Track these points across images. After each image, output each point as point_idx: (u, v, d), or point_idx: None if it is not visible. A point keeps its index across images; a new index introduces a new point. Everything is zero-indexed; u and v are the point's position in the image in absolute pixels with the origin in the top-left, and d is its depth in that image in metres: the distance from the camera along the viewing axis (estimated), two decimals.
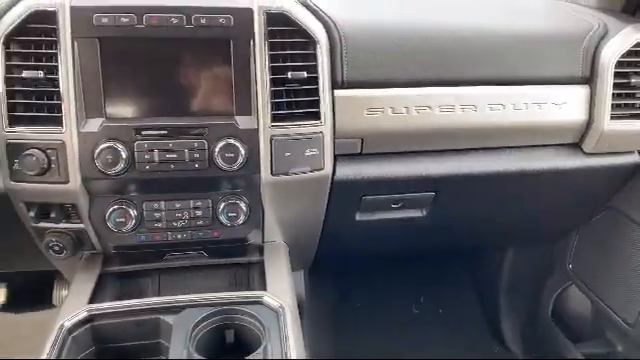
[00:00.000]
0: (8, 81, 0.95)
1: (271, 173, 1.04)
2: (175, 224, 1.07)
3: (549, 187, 1.35)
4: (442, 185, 1.23)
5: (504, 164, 1.24)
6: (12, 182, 0.98)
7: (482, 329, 1.94)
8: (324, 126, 1.06)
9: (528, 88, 1.20)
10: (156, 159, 0.99)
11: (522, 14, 1.37)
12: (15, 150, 0.96)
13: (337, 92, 1.09)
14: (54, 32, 0.95)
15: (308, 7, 1.09)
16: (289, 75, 1.02)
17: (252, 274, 1.15)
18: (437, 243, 1.57)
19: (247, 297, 1.01)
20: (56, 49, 0.95)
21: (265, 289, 1.05)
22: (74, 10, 0.94)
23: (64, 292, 1.64)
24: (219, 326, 0.97)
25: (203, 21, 0.97)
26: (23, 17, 0.94)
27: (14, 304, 1.68)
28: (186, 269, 1.15)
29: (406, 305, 1.90)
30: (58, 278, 1.68)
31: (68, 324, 0.93)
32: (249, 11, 0.99)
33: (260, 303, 1.00)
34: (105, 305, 0.98)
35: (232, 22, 0.98)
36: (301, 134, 1.04)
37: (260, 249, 1.18)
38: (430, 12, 1.29)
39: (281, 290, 1.04)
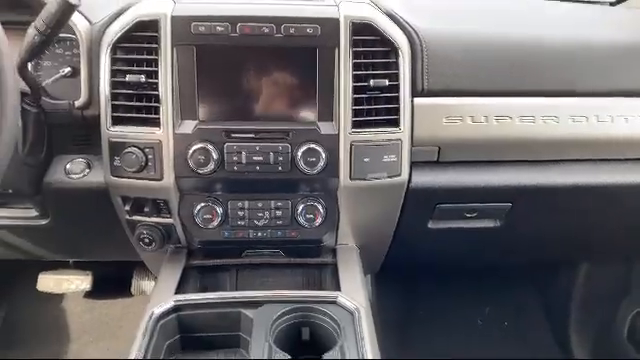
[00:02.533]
0: (113, 84, 1.03)
1: (350, 177, 1.07)
2: (256, 223, 1.12)
3: (631, 202, 1.31)
4: (519, 196, 1.22)
5: (585, 177, 1.21)
6: (112, 177, 1.07)
7: (549, 345, 1.88)
8: (403, 133, 1.08)
9: (614, 100, 1.17)
10: (243, 160, 1.04)
11: (603, 25, 1.34)
12: (116, 148, 1.04)
13: (417, 100, 1.10)
14: (155, 40, 1.02)
15: (391, 17, 1.12)
16: (371, 83, 1.05)
17: (325, 275, 1.19)
18: (508, 254, 1.54)
19: (323, 297, 1.04)
20: (157, 55, 1.02)
21: (339, 290, 1.07)
22: (174, 19, 1.01)
23: (143, 283, 1.76)
24: (295, 323, 1.01)
25: (292, 30, 1.02)
26: (129, 26, 1.02)
27: (95, 292, 1.80)
28: (262, 266, 1.20)
29: (471, 316, 1.87)
30: (137, 269, 1.79)
31: (157, 312, 0.99)
32: (335, 21, 1.03)
33: (335, 303, 1.03)
34: (191, 296, 1.04)
35: (319, 31, 1.02)
36: (380, 140, 1.07)
37: (333, 251, 1.21)
38: (509, 23, 1.27)
39: (355, 292, 1.06)
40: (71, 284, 1.68)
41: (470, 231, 1.30)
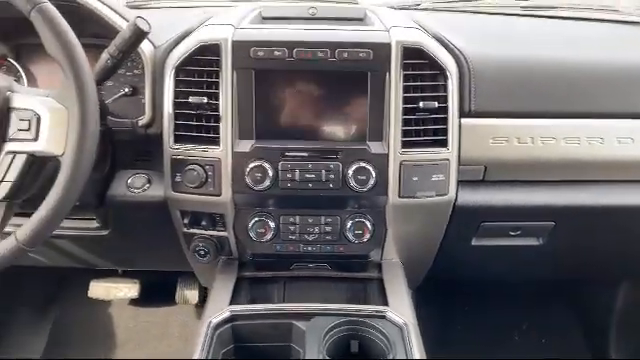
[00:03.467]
0: (176, 105, 1.10)
1: (398, 195, 1.11)
2: (307, 237, 1.16)
3: None
4: (562, 215, 1.24)
5: (629, 197, 1.23)
6: (173, 192, 1.13)
7: None
8: (451, 153, 1.11)
9: None
10: (297, 178, 1.09)
11: None
12: (178, 165, 1.11)
13: (464, 121, 1.14)
14: (217, 63, 1.08)
15: (440, 41, 1.16)
16: (421, 104, 1.09)
17: (370, 289, 1.22)
18: (549, 272, 1.55)
19: (372, 311, 1.07)
20: (218, 78, 1.09)
21: (386, 305, 1.11)
22: (235, 44, 1.08)
23: (186, 292, 1.82)
24: (345, 335, 1.05)
25: (345, 55, 1.07)
26: (192, 50, 1.09)
27: (140, 299, 1.86)
28: (309, 279, 1.24)
29: (508, 332, 1.87)
30: (181, 279, 1.86)
31: (215, 321, 1.04)
32: (387, 46, 1.08)
33: (384, 318, 1.06)
34: (245, 307, 1.08)
35: (371, 56, 1.07)
36: (429, 160, 1.10)
37: (378, 266, 1.25)
38: (554, 46, 1.30)
39: (403, 307, 1.09)
40: (120, 292, 1.76)
41: (512, 249, 1.32)
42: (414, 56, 1.09)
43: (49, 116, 0.84)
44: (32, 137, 0.84)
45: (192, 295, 1.82)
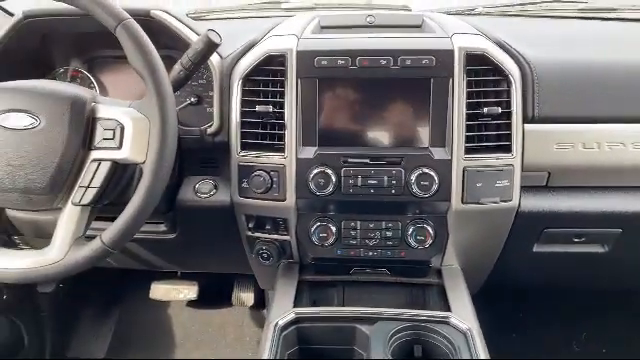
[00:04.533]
0: (243, 114, 1.14)
1: (461, 202, 1.11)
2: (368, 242, 1.18)
3: None
4: (629, 222, 1.20)
5: None
6: (239, 197, 1.17)
7: None
8: (515, 159, 1.11)
9: None
10: (359, 184, 1.11)
11: None
12: (245, 171, 1.15)
13: (527, 126, 1.13)
14: (282, 73, 1.12)
15: (502, 46, 1.15)
16: (484, 110, 1.09)
17: (430, 295, 1.22)
18: (612, 280, 1.51)
19: (435, 316, 1.08)
20: (283, 87, 1.12)
21: (449, 311, 1.11)
22: (299, 54, 1.11)
23: (243, 294, 1.86)
24: (408, 340, 1.06)
25: (408, 62, 1.08)
26: (259, 60, 1.13)
27: (198, 300, 1.92)
28: (368, 284, 1.25)
29: (567, 341, 1.83)
30: (237, 281, 1.91)
31: (281, 323, 1.07)
32: (450, 52, 1.09)
33: (447, 324, 1.06)
34: (309, 309, 1.11)
35: (434, 62, 1.08)
36: (492, 166, 1.10)
37: (438, 272, 1.25)
38: (619, 49, 1.27)
39: (466, 313, 1.09)
40: (180, 293, 1.82)
41: (576, 256, 1.29)
42: (477, 62, 1.10)
43: (132, 125, 0.89)
44: (116, 145, 0.90)
45: (248, 297, 1.87)
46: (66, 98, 0.90)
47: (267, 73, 1.14)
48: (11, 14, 1.42)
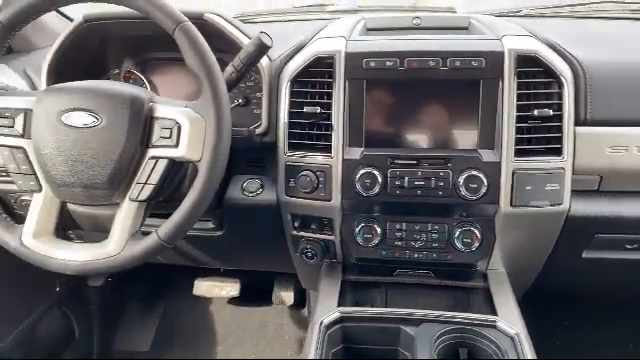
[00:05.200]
0: (291, 114, 1.16)
1: (510, 205, 1.10)
2: (413, 244, 1.18)
3: None
4: None
5: None
6: (286, 196, 1.19)
7: None
8: (566, 162, 1.09)
9: None
10: (406, 185, 1.11)
11: None
12: (292, 171, 1.16)
13: (579, 129, 1.11)
14: (330, 74, 1.13)
15: (554, 48, 1.14)
16: (535, 112, 1.07)
17: (475, 298, 1.21)
18: None
19: (481, 320, 1.07)
20: (331, 89, 1.13)
21: (495, 315, 1.10)
22: (348, 56, 1.12)
23: (283, 293, 1.89)
24: (454, 343, 1.05)
25: (457, 64, 1.08)
26: (308, 62, 1.14)
27: (239, 298, 1.96)
28: (411, 285, 1.25)
29: (613, 351, 1.77)
30: (278, 280, 1.93)
31: (326, 322, 1.08)
32: (500, 54, 1.08)
33: (494, 327, 1.05)
34: (354, 309, 1.12)
35: (484, 64, 1.08)
36: (542, 169, 1.08)
37: (483, 276, 1.23)
38: None
39: (513, 318, 1.08)
40: (222, 290, 1.86)
41: (628, 263, 1.25)
42: (528, 64, 1.08)
43: (188, 124, 0.92)
44: (173, 144, 0.93)
45: (288, 296, 1.89)
46: (126, 98, 0.94)
47: (315, 75, 1.15)
48: (70, 19, 1.49)
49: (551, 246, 1.22)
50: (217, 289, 1.86)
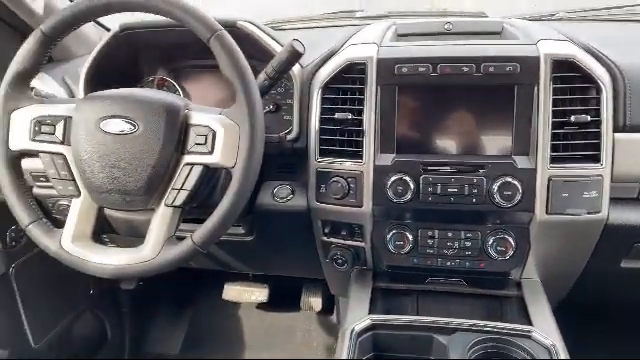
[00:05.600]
0: (322, 121, 1.16)
1: (546, 212, 1.07)
2: (445, 252, 1.16)
3: None
4: None
5: None
6: (317, 202, 1.19)
7: None
8: (604, 169, 1.06)
9: None
10: (438, 192, 1.10)
11: None
12: (323, 177, 1.17)
13: (617, 135, 1.08)
14: (362, 80, 1.13)
15: (591, 52, 1.11)
16: (572, 118, 1.05)
17: (508, 308, 1.18)
18: None
19: (516, 330, 1.05)
20: (362, 95, 1.13)
21: (530, 325, 1.07)
22: (380, 62, 1.12)
23: (311, 299, 1.89)
24: (488, 352, 1.03)
25: (491, 69, 1.07)
26: (340, 68, 1.15)
27: (267, 303, 1.97)
28: (442, 294, 1.23)
29: None
30: (306, 286, 1.93)
31: (357, 329, 1.07)
32: (536, 59, 1.06)
33: (529, 338, 1.03)
34: (385, 317, 1.11)
35: (518, 69, 1.06)
36: (580, 176, 1.06)
37: (517, 284, 1.21)
38: None
39: (548, 328, 1.06)
40: (251, 295, 1.87)
41: None
42: (564, 69, 1.06)
43: (223, 131, 0.93)
44: (208, 150, 0.94)
45: (316, 302, 1.89)
46: (162, 105, 0.95)
47: (347, 81, 1.15)
48: (107, 29, 1.53)
49: (588, 255, 1.18)
50: (246, 294, 1.88)
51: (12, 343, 1.41)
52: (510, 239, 1.12)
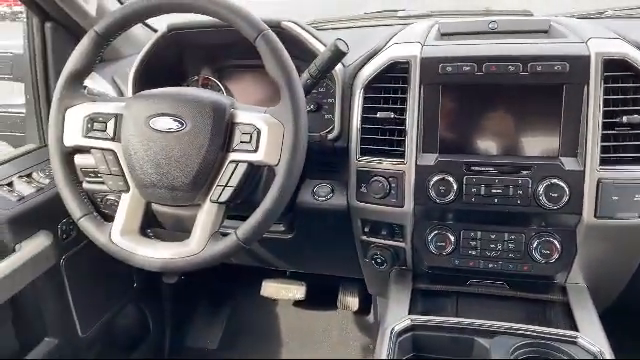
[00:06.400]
0: (364, 120, 1.16)
1: (594, 216, 1.04)
2: (488, 253, 1.14)
3: None
4: None
5: None
6: (357, 202, 1.19)
7: None
8: None
9: None
10: (482, 193, 1.09)
11: None
12: (364, 176, 1.17)
13: None
14: (405, 79, 1.13)
15: None
16: (624, 119, 1.02)
17: (552, 313, 1.15)
18: None
19: (561, 335, 1.02)
20: (405, 94, 1.13)
21: (576, 330, 1.04)
22: (424, 61, 1.11)
23: (348, 298, 1.89)
24: (531, 357, 1.01)
25: (539, 68, 1.04)
26: (383, 67, 1.15)
27: (304, 301, 1.98)
28: (483, 296, 1.21)
29: None
30: (343, 285, 1.94)
31: (397, 329, 1.07)
32: (586, 58, 1.03)
33: (575, 344, 1.01)
34: (425, 318, 1.10)
35: (567, 69, 1.03)
36: (631, 179, 1.02)
37: (562, 289, 1.18)
38: None
39: (596, 335, 1.02)
40: (289, 292, 1.89)
41: None
42: (616, 68, 1.03)
43: (267, 130, 0.95)
44: (253, 148, 0.95)
45: (353, 302, 1.89)
46: (209, 104, 0.97)
47: (389, 80, 1.15)
48: (154, 30, 1.57)
49: (638, 260, 1.14)
50: (284, 291, 1.89)
51: (62, 332, 1.47)
52: (555, 242, 1.10)
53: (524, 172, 1.07)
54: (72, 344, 1.51)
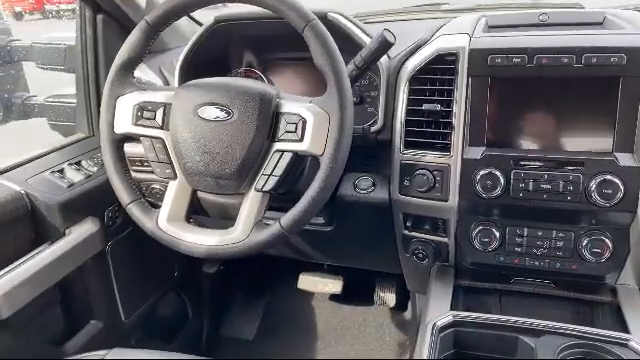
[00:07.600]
0: (408, 112, 1.15)
1: None
2: (534, 251, 1.11)
3: None
4: None
5: None
6: (400, 195, 1.18)
7: None
8: None
9: None
10: (530, 188, 1.06)
11: None
12: (407, 169, 1.16)
13: None
14: (452, 71, 1.11)
15: None
16: None
17: (601, 314, 1.12)
18: None
19: (610, 337, 0.99)
20: (452, 86, 1.11)
21: (627, 333, 1.00)
22: (472, 52, 1.09)
23: (385, 294, 1.88)
24: (578, 358, 0.98)
25: (594, 60, 1.01)
26: (429, 59, 1.13)
27: (340, 295, 1.98)
28: (527, 294, 1.18)
29: None
30: (379, 280, 1.93)
31: (439, 324, 1.06)
32: None
33: (626, 346, 0.97)
34: (468, 314, 1.08)
35: (624, 61, 0.99)
36: None
37: (611, 290, 1.14)
38: None
39: None
40: (326, 286, 1.89)
41: None
42: None
43: (313, 120, 0.95)
44: (298, 138, 0.96)
45: (390, 298, 1.88)
46: (256, 94, 0.98)
47: (436, 72, 1.13)
48: (200, 23, 1.60)
49: None
50: (321, 284, 1.90)
51: (106, 316, 1.52)
52: (607, 241, 1.06)
53: (576, 168, 1.03)
54: (115, 328, 1.55)
